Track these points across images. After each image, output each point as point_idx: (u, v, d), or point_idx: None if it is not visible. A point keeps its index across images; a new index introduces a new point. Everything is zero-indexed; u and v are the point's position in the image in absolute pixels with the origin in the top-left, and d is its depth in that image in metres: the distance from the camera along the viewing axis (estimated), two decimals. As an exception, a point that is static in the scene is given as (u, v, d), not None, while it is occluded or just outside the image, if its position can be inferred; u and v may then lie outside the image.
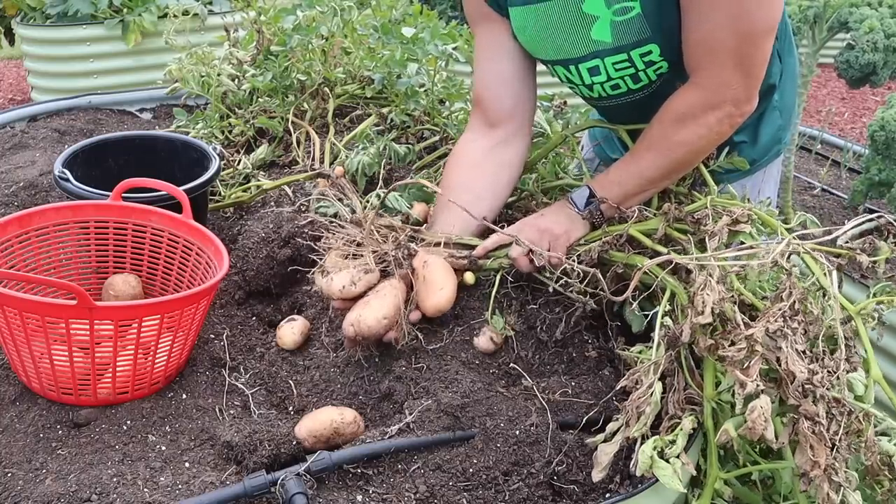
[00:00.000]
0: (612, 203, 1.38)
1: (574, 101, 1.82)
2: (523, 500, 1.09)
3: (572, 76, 1.45)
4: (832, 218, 3.23)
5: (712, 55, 1.27)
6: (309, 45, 2.15)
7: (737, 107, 1.30)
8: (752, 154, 1.59)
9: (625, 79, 1.40)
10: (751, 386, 1.00)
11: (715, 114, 1.31)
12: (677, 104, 1.34)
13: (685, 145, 1.35)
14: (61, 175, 1.55)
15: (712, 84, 1.29)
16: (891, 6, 3.06)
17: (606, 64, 1.38)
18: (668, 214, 1.33)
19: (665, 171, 1.38)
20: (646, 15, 1.29)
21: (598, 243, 1.35)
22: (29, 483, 1.08)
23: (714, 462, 1.09)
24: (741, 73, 1.27)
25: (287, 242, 1.62)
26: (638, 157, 1.40)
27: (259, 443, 1.14)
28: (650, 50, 1.33)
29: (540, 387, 1.27)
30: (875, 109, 4.77)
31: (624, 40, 1.33)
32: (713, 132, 1.33)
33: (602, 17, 1.31)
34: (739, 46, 1.24)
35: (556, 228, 1.38)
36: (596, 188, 1.41)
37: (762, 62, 1.29)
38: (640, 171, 1.39)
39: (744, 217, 1.26)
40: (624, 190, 1.39)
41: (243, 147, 2.17)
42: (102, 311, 1.14)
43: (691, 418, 1.10)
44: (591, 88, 1.46)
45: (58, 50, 3.78)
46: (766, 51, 1.28)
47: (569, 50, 1.39)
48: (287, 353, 1.42)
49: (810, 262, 1.14)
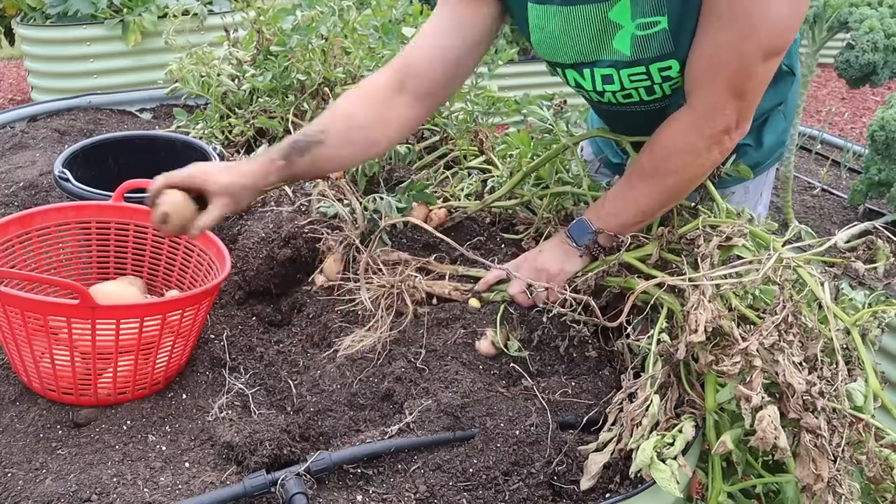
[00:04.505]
0: (609, 234, 1.37)
1: (574, 101, 1.82)
2: (523, 500, 1.09)
3: (584, 81, 1.40)
4: (832, 218, 3.23)
5: (711, 75, 1.23)
6: (308, 45, 2.15)
7: (727, 133, 1.27)
8: (757, 157, 1.58)
9: (639, 90, 1.37)
10: (756, 398, 1.00)
11: (704, 140, 1.27)
12: (668, 132, 1.31)
13: (675, 173, 1.32)
14: (61, 175, 1.55)
15: (705, 107, 1.25)
16: (891, 6, 3.06)
17: (622, 75, 1.34)
18: (662, 238, 1.34)
19: (659, 199, 1.36)
20: (672, 31, 1.24)
21: (593, 273, 1.36)
22: (29, 483, 1.08)
23: (718, 475, 1.09)
24: (736, 97, 1.23)
25: (287, 242, 1.63)
26: (631, 186, 1.37)
27: (259, 443, 1.14)
28: (670, 66, 1.29)
29: (540, 387, 1.27)
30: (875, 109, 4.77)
31: (643, 54, 1.29)
32: (702, 159, 1.30)
33: (625, 28, 1.28)
34: (740, 69, 1.20)
35: (552, 267, 1.40)
36: (593, 221, 1.39)
37: (759, 87, 1.25)
38: (636, 201, 1.36)
39: (735, 233, 1.25)
40: (621, 221, 1.37)
41: (243, 147, 2.18)
42: (104, 311, 1.14)
43: (691, 422, 1.11)
44: (601, 95, 1.41)
45: (58, 50, 3.79)
46: (767, 77, 1.24)
47: (587, 55, 1.34)
48: (287, 353, 1.42)
49: (804, 274, 1.14)
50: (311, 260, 1.62)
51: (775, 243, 1.22)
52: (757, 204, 1.69)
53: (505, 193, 1.68)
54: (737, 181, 1.59)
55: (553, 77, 1.52)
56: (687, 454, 1.10)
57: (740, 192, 1.62)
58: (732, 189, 1.60)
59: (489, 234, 1.71)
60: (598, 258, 1.39)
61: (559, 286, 1.38)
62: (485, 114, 2.13)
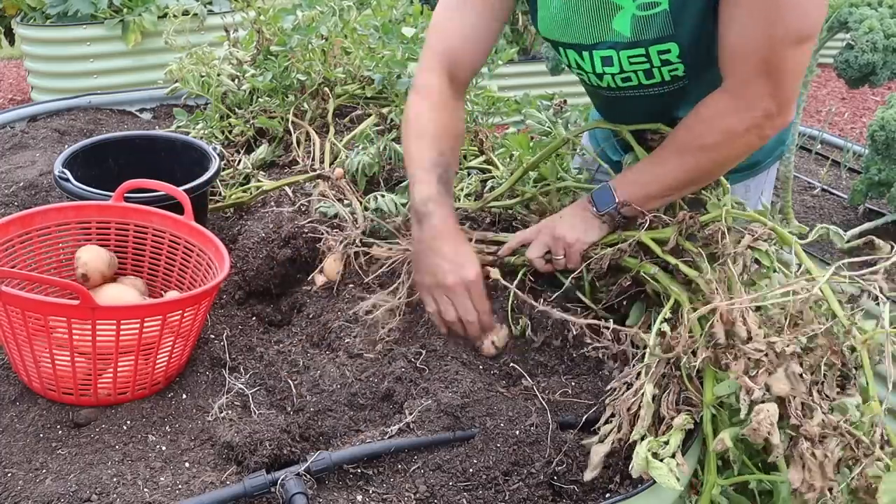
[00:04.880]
0: (633, 205, 1.34)
1: (574, 101, 1.82)
2: (523, 500, 1.09)
3: (583, 63, 1.39)
4: (832, 218, 3.23)
5: (744, 62, 1.21)
6: (309, 45, 2.15)
7: (769, 119, 1.24)
8: (758, 155, 1.57)
9: (637, 73, 1.36)
10: (758, 392, 1.00)
11: (744, 123, 1.25)
12: (707, 110, 1.29)
13: (710, 151, 1.29)
14: (61, 175, 1.55)
15: (742, 92, 1.24)
16: (891, 6, 3.06)
17: (621, 56, 1.33)
18: (682, 224, 1.31)
19: (688, 177, 1.33)
20: (672, 12, 1.24)
21: (611, 251, 1.35)
22: (29, 483, 1.08)
23: (713, 469, 1.09)
24: (772, 83, 1.20)
25: (287, 242, 1.63)
26: (662, 159, 1.35)
27: (259, 443, 1.14)
28: (669, 49, 1.29)
29: (540, 387, 1.27)
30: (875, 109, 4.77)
31: (643, 35, 1.29)
32: (740, 142, 1.27)
33: (625, 9, 1.28)
34: (771, 54, 1.18)
35: (569, 236, 1.38)
36: (618, 188, 1.37)
37: (796, 73, 1.22)
38: (665, 174, 1.34)
39: (763, 236, 1.23)
40: (646, 191, 1.35)
41: (243, 147, 2.18)
42: (104, 311, 1.15)
43: (687, 417, 1.10)
44: (600, 78, 1.40)
45: (58, 50, 3.79)
46: (801, 62, 1.21)
47: (586, 36, 1.34)
48: (287, 353, 1.42)
49: (828, 294, 1.11)
50: (311, 260, 1.62)
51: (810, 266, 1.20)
52: (757, 203, 1.69)
53: (505, 192, 1.68)
54: (737, 179, 1.59)
55: (553, 77, 1.53)
56: (686, 454, 1.10)
57: (741, 191, 1.62)
58: (733, 187, 1.60)
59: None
60: (618, 228, 1.38)
61: (576, 256, 1.37)
62: (485, 114, 2.13)
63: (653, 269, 1.30)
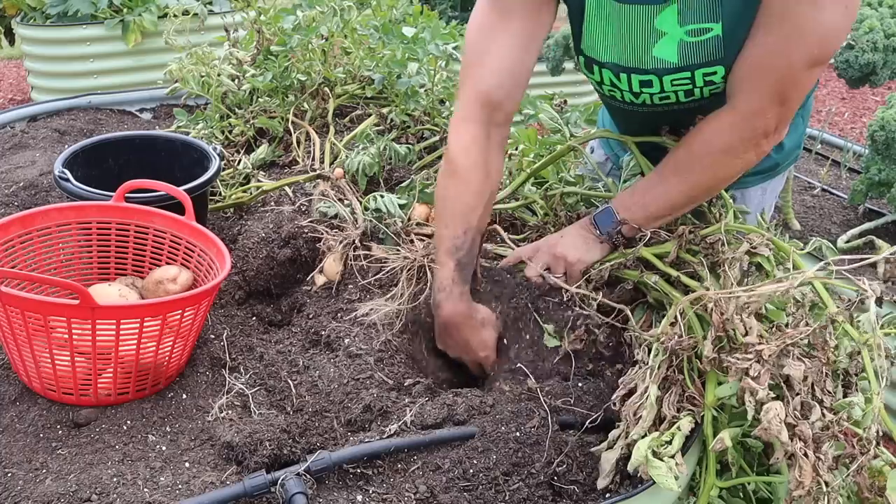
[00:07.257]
0: (634, 226, 1.36)
1: (574, 101, 1.82)
2: (523, 500, 1.09)
3: (619, 83, 1.38)
4: (832, 218, 3.23)
5: (757, 79, 1.22)
6: (309, 45, 2.15)
7: (766, 137, 1.26)
8: (777, 159, 1.60)
9: (678, 93, 1.35)
10: (762, 393, 1.00)
11: (743, 142, 1.27)
12: (707, 129, 1.30)
13: (709, 170, 1.31)
14: (61, 175, 1.55)
15: (748, 110, 1.25)
16: (891, 6, 3.06)
17: (664, 80, 1.33)
18: (682, 238, 1.33)
19: (689, 195, 1.35)
20: (725, 37, 1.24)
21: (609, 265, 1.36)
22: (29, 483, 1.08)
23: (712, 470, 1.09)
24: (778, 102, 1.22)
25: (287, 242, 1.63)
26: (664, 179, 1.36)
27: (259, 443, 1.14)
28: (716, 71, 1.28)
29: (541, 388, 1.27)
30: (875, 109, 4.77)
31: (691, 60, 1.28)
32: (738, 159, 1.29)
33: (670, 35, 1.26)
34: (787, 75, 1.19)
35: (570, 256, 1.39)
36: (620, 210, 1.37)
37: (802, 94, 1.24)
38: (666, 194, 1.35)
39: (762, 244, 1.25)
40: (648, 213, 1.36)
41: (243, 147, 2.18)
42: (104, 311, 1.15)
43: (689, 419, 1.10)
44: (636, 96, 1.39)
45: (58, 50, 3.78)
46: (810, 84, 1.24)
47: (627, 60, 1.33)
48: (287, 353, 1.42)
49: (824, 295, 1.12)
50: (311, 260, 1.62)
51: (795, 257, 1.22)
52: (773, 205, 1.72)
53: (508, 195, 1.68)
54: (756, 182, 1.61)
55: (553, 77, 1.52)
56: (686, 454, 1.10)
57: (758, 193, 1.64)
58: (751, 189, 1.62)
59: (490, 233, 1.70)
60: (618, 248, 1.39)
61: (576, 277, 1.38)
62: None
63: (653, 277, 1.31)
